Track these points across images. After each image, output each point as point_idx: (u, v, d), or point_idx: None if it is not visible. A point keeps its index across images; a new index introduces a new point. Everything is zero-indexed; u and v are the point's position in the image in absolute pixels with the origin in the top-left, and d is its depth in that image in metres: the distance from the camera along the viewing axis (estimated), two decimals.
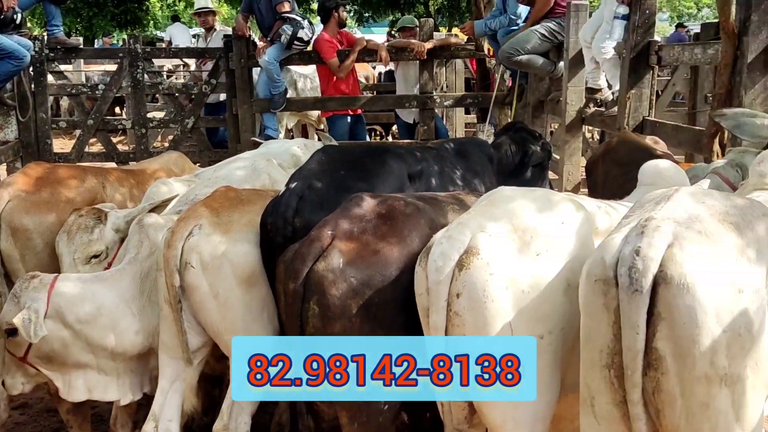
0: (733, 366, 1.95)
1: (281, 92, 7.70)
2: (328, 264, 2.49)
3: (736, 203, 2.16)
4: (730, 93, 3.96)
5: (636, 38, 5.14)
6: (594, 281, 2.05)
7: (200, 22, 9.56)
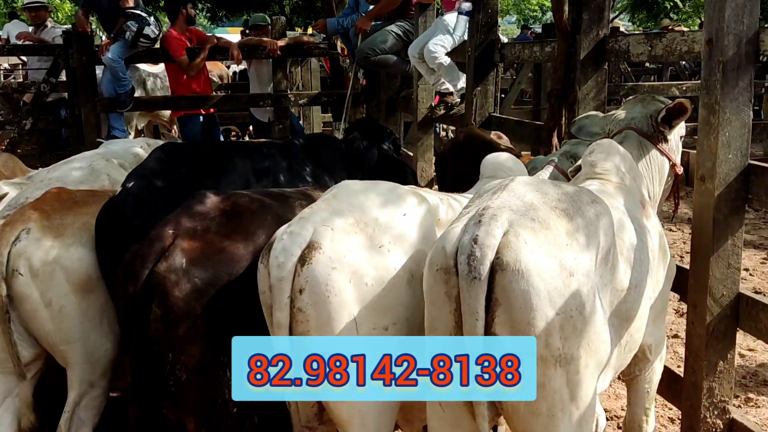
0: (567, 347, 2.05)
1: (127, 91, 7.38)
2: (170, 264, 2.40)
3: (566, 191, 2.25)
4: (566, 88, 4.17)
5: (480, 37, 5.30)
6: (435, 270, 2.09)
7: (31, 18, 8.93)
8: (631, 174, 2.82)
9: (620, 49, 3.91)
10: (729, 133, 2.89)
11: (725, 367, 3.08)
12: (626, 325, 2.40)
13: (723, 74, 2.84)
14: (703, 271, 3.02)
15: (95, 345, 2.98)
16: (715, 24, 2.85)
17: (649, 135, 3.08)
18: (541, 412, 2.07)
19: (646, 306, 2.52)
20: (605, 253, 2.22)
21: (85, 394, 3.03)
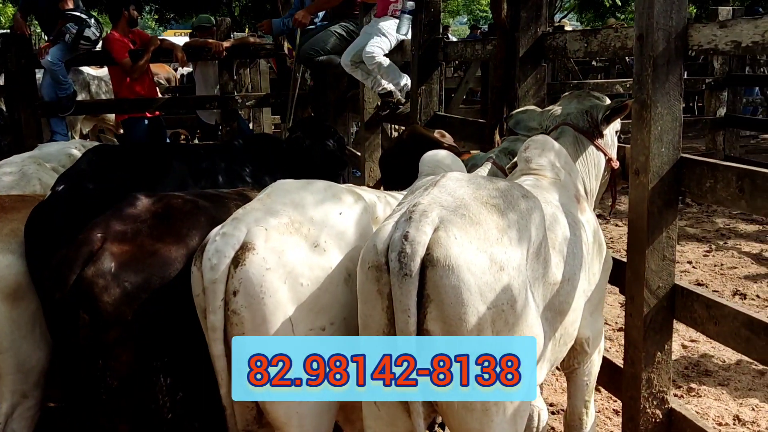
0: None
1: (68, 95, 7.22)
2: (99, 269, 2.34)
3: (498, 187, 2.26)
4: (506, 86, 4.19)
5: (423, 36, 5.32)
6: (367, 268, 2.07)
7: None
8: (566, 169, 2.85)
9: (558, 46, 3.95)
10: (661, 127, 2.94)
11: (663, 357, 3.13)
12: (560, 319, 2.43)
13: (654, 69, 2.89)
14: (640, 263, 3.06)
15: (27, 354, 2.88)
16: (644, 20, 2.89)
17: (585, 130, 3.12)
18: (475, 408, 2.08)
19: (580, 299, 2.55)
20: (537, 248, 2.24)
21: (18, 405, 2.94)
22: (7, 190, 3.46)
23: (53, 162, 4.04)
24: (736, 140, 9.50)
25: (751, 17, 2.66)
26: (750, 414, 4.11)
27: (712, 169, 2.82)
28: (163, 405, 2.47)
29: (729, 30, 2.71)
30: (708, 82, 8.98)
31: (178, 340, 2.43)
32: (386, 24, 5.77)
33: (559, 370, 3.11)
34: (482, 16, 35.30)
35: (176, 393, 2.43)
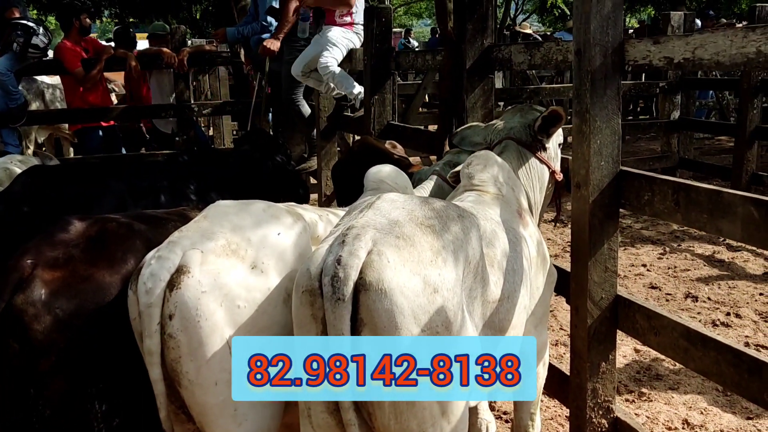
0: None
1: (19, 105, 7.10)
2: (28, 296, 2.29)
3: (434, 207, 2.27)
4: (455, 97, 4.22)
5: (375, 46, 5.33)
6: (302, 292, 2.07)
7: None
8: (509, 184, 2.87)
9: (503, 58, 3.98)
10: (600, 140, 2.97)
11: (607, 367, 3.17)
12: (501, 335, 2.44)
13: (591, 84, 2.92)
14: (582, 275, 3.10)
15: None
16: (582, 35, 2.93)
17: (528, 144, 3.15)
18: (411, 429, 2.08)
19: (521, 315, 2.57)
20: (474, 267, 2.25)
21: None
22: None
23: None
24: (690, 142, 9.67)
25: (684, 34, 2.71)
26: (698, 418, 4.18)
27: (649, 183, 2.86)
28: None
29: (662, 46, 2.76)
30: (662, 85, 9.12)
31: (114, 366, 2.39)
32: (335, 34, 5.82)
33: None
34: None
35: (112, 419, 2.39)
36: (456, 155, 3.44)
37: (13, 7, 7.16)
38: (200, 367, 2.24)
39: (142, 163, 3.54)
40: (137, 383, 2.35)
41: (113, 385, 2.39)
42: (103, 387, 2.36)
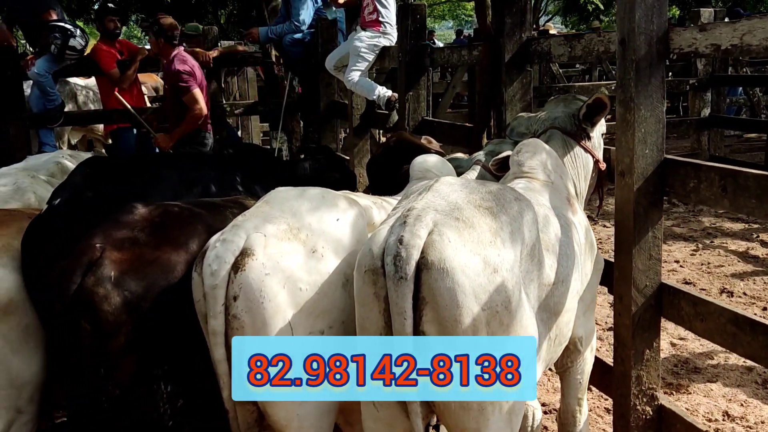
0: None
1: (56, 106, 7.22)
2: (98, 277, 2.37)
3: (490, 190, 2.32)
4: (493, 91, 4.26)
5: (409, 42, 5.38)
6: (364, 272, 2.12)
7: None
8: (557, 171, 2.91)
9: (543, 51, 4.02)
10: (645, 129, 3.00)
11: (652, 355, 3.19)
12: (555, 319, 2.48)
13: (636, 73, 2.95)
14: (627, 263, 3.12)
15: (19, 369, 2.87)
16: (626, 24, 2.96)
17: (573, 133, 3.19)
18: (471, 407, 2.12)
19: (574, 299, 2.60)
20: (530, 249, 2.29)
21: (14, 421, 2.91)
22: (3, 202, 3.48)
23: (42, 172, 4.07)
24: (720, 140, 9.62)
25: (730, 21, 2.73)
26: (739, 410, 4.18)
27: (695, 170, 2.89)
28: (164, 413, 2.50)
29: (708, 33, 2.78)
30: (692, 83, 9.09)
31: (179, 347, 2.46)
32: (363, 43, 5.98)
33: (551, 371, 3.17)
34: (467, 20, 35.50)
35: (177, 400, 2.46)
36: (497, 145, 3.49)
37: (51, 10, 7.28)
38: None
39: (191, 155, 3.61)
40: (201, 365, 2.42)
41: (178, 366, 2.46)
42: (169, 368, 2.43)
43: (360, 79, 6.02)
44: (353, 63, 6.02)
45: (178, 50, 6.24)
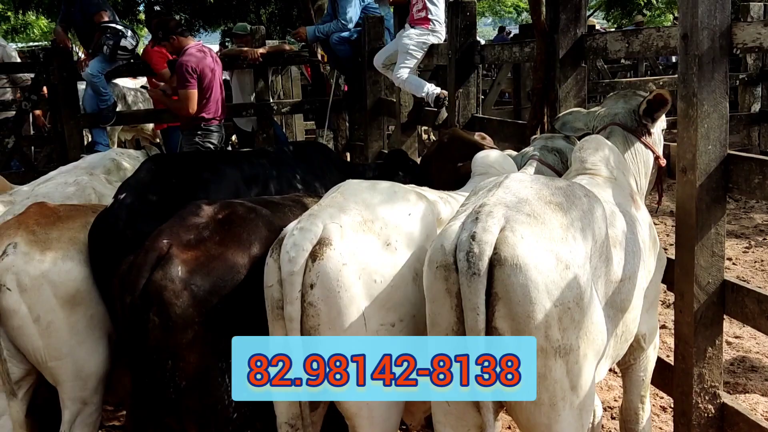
0: (566, 338, 2.11)
1: (109, 106, 7.36)
2: (167, 273, 2.42)
3: (560, 186, 2.32)
4: (547, 87, 4.25)
5: (459, 40, 5.38)
6: (436, 267, 2.14)
7: None
8: (619, 168, 2.90)
9: (598, 47, 3.99)
10: (707, 124, 2.97)
11: (714, 353, 3.16)
12: (621, 316, 2.47)
13: (699, 68, 2.92)
14: (689, 260, 3.09)
15: (85, 360, 2.95)
16: (689, 20, 2.93)
17: (633, 129, 3.17)
18: (543, 402, 2.13)
19: (639, 296, 2.59)
20: (600, 246, 2.29)
21: (80, 412, 3.00)
22: (65, 200, 3.57)
23: (100, 170, 4.17)
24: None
25: None
26: None
27: (760, 165, 2.85)
28: (228, 404, 2.54)
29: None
30: (742, 77, 8.93)
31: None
32: (411, 41, 5.97)
33: (611, 371, 3.16)
34: (507, 16, 35.24)
35: None
36: (549, 140, 3.47)
37: (102, 11, 7.41)
38: (337, 336, 2.33)
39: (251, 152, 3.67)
40: None
41: None
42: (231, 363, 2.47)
43: (409, 77, 6.03)
44: (402, 60, 6.03)
45: (191, 43, 6.23)
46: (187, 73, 5.91)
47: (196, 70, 5.95)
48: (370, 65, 6.99)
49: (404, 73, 6.04)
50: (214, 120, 6.24)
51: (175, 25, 6.26)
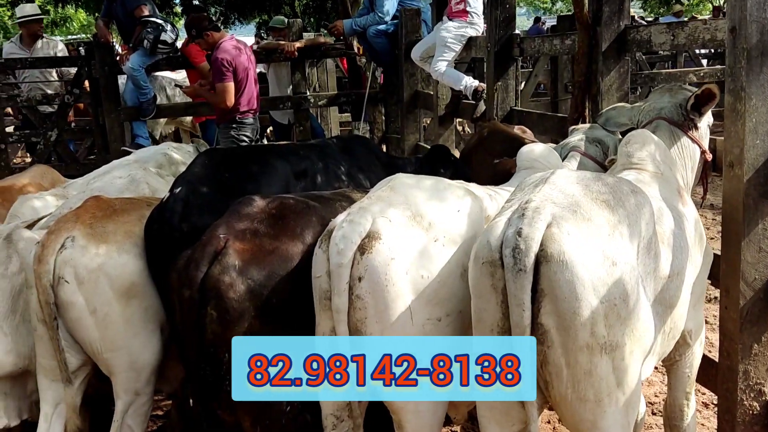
0: (612, 334, 2.11)
1: (149, 99, 7.48)
2: (224, 267, 2.47)
3: (607, 182, 2.32)
4: (589, 80, 4.22)
5: (499, 32, 5.36)
6: (481, 263, 2.15)
7: (27, 33, 8.57)
8: (666, 162, 2.88)
9: (642, 39, 3.95)
10: (756, 119, 2.93)
11: (760, 349, 3.12)
12: (669, 312, 2.46)
13: (747, 61, 2.88)
14: (735, 255, 3.05)
15: (139, 352, 3.01)
16: (737, 13, 2.89)
17: (680, 123, 3.14)
18: (588, 399, 2.13)
19: (687, 292, 2.57)
20: (647, 242, 2.28)
21: (132, 402, 3.06)
22: (119, 194, 3.65)
23: (152, 164, 4.25)
24: None
25: None
26: None
27: None
28: None
29: None
30: None
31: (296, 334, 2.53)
32: (450, 34, 5.98)
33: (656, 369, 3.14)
34: (542, 6, 34.92)
35: None
36: (590, 131, 3.44)
37: (142, 5, 7.52)
38: (384, 329, 2.36)
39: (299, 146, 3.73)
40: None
41: None
42: None
43: (447, 70, 6.03)
44: (440, 53, 6.03)
45: (224, 37, 6.28)
46: (223, 67, 5.97)
47: (231, 64, 6.01)
48: (407, 58, 7.00)
49: (442, 66, 6.05)
50: (249, 113, 6.29)
51: (207, 22, 6.32)
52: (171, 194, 2.99)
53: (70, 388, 3.02)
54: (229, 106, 6.05)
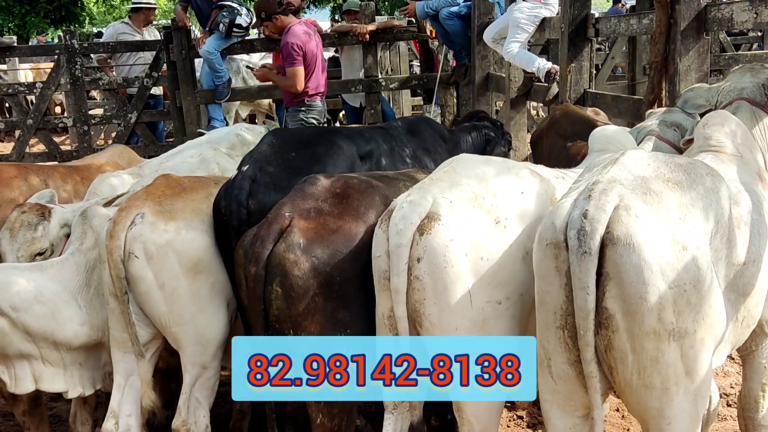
0: (681, 321, 2.04)
1: (224, 82, 7.61)
2: (289, 245, 2.50)
3: (679, 163, 2.23)
4: (666, 60, 4.07)
5: (573, 12, 5.23)
6: (545, 245, 2.11)
7: (142, 19, 8.73)
8: (746, 144, 2.75)
9: (723, 17, 3.79)
10: None
11: None
12: (743, 300, 2.36)
13: None
14: None
15: (205, 326, 3.07)
16: None
17: (762, 104, 3.00)
18: (654, 386, 2.07)
19: (764, 280, 2.46)
20: (722, 227, 2.19)
21: (199, 376, 3.12)
22: (191, 171, 3.73)
23: (224, 144, 4.32)
24: None
25: None
26: None
27: None
28: None
29: None
30: None
31: (359, 311, 2.55)
32: (522, 15, 5.90)
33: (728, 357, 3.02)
34: None
35: None
36: (668, 114, 3.31)
37: None
38: (442, 311, 2.34)
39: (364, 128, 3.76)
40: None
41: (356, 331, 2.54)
42: (350, 330, 2.52)
43: (519, 51, 5.93)
44: (513, 35, 5.94)
45: (293, 21, 6.28)
46: (293, 51, 6.02)
47: (302, 48, 6.05)
48: (479, 40, 6.91)
49: (515, 48, 5.95)
50: (317, 95, 6.33)
51: (277, 5, 6.36)
52: (239, 172, 3.04)
53: (142, 362, 3.11)
54: (299, 89, 6.11)
